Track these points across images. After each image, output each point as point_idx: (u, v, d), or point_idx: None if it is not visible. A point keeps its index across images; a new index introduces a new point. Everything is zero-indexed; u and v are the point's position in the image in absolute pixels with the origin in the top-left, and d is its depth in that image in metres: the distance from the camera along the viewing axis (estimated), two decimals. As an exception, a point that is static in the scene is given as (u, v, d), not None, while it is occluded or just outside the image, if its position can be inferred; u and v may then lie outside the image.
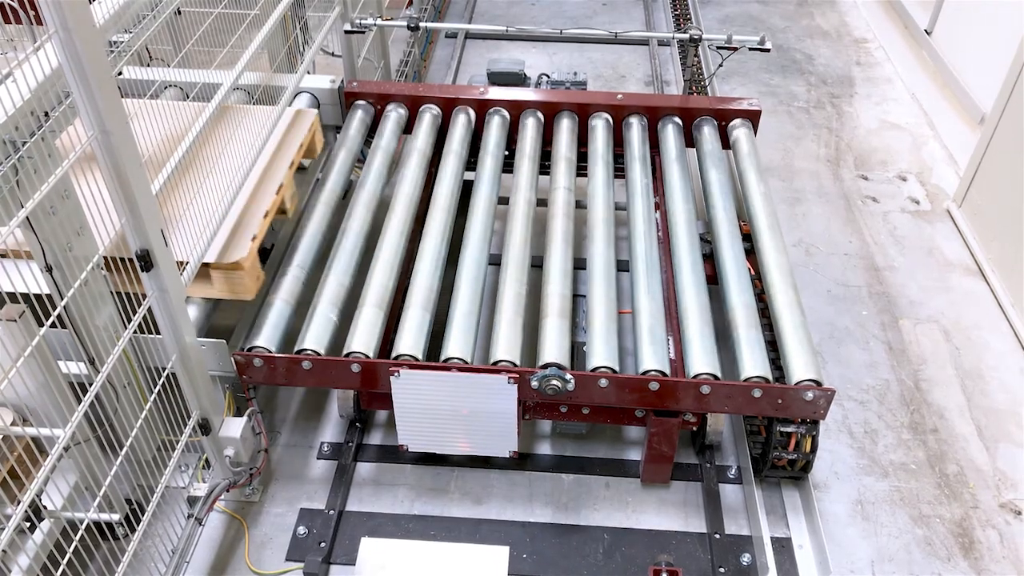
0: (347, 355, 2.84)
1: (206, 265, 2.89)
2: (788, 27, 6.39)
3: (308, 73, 3.97)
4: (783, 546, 2.93)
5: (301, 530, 2.96)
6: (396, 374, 2.77)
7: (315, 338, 2.87)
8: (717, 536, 2.94)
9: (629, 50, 6.09)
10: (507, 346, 2.85)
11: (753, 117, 3.99)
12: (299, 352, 2.84)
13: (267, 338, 2.86)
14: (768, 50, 4.03)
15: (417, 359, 2.82)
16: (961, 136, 4.78)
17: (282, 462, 3.21)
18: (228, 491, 2.83)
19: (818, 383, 2.75)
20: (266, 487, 3.12)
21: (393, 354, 2.84)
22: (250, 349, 2.83)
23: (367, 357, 2.83)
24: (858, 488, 3.15)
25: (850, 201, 4.61)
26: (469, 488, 3.13)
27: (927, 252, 4.27)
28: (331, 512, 2.99)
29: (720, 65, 4.26)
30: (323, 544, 2.88)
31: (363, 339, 2.87)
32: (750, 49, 4.02)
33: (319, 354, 2.84)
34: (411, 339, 2.86)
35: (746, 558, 2.89)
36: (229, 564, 2.88)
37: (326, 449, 3.25)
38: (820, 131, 5.20)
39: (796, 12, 6.63)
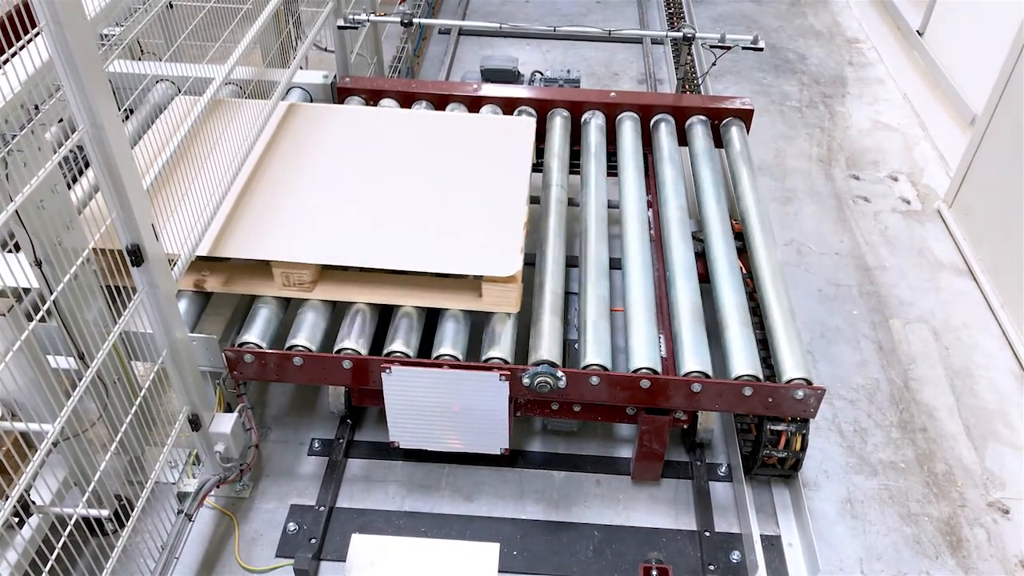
0: (339, 351, 2.83)
1: (478, 278, 2.89)
2: (781, 26, 6.41)
3: (301, 68, 3.96)
4: (772, 544, 2.94)
5: (291, 526, 2.95)
6: (388, 371, 2.76)
7: (306, 334, 2.87)
8: (707, 534, 2.95)
9: (623, 48, 6.09)
10: (499, 343, 2.85)
11: (746, 116, 3.99)
12: (290, 348, 2.83)
13: (258, 334, 2.85)
14: (761, 49, 4.03)
15: (409, 356, 2.82)
16: (952, 137, 4.81)
17: (272, 458, 3.21)
18: (218, 487, 2.83)
19: (808, 382, 2.76)
20: (256, 483, 3.11)
21: (385, 351, 2.84)
22: (241, 345, 2.83)
23: (359, 353, 2.82)
24: (847, 486, 3.17)
25: (842, 201, 4.63)
26: (460, 485, 3.13)
27: (918, 252, 4.29)
28: (321, 508, 2.98)
29: (713, 64, 4.26)
30: (313, 540, 2.88)
31: (355, 335, 2.87)
32: (743, 48, 4.02)
33: (310, 350, 2.83)
34: (403, 336, 2.86)
35: (736, 556, 2.90)
36: (219, 560, 2.87)
37: (317, 445, 3.24)
38: (812, 131, 5.21)
39: (789, 11, 6.64)
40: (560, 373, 2.74)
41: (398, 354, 2.81)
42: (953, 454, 3.30)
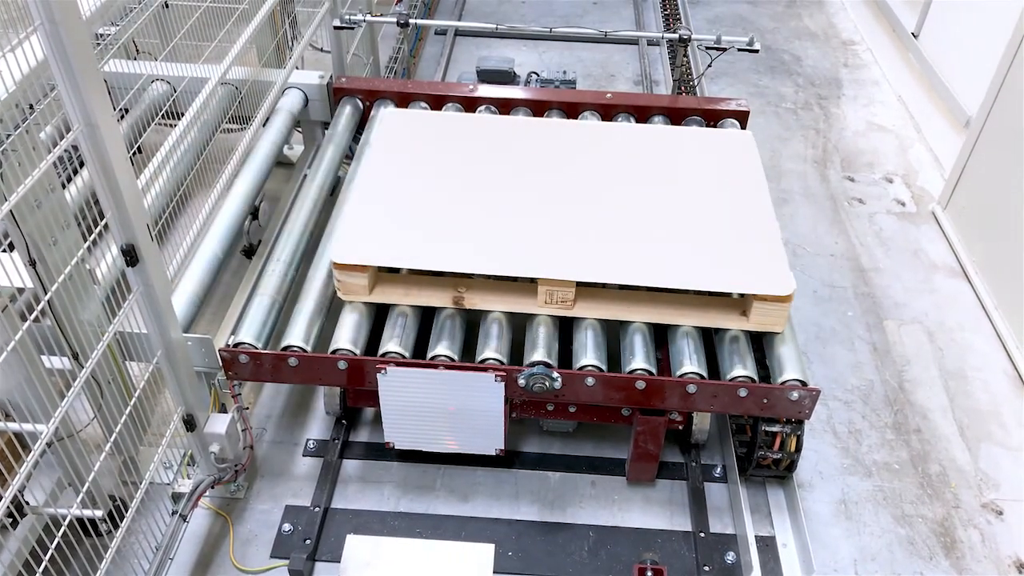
0: (334, 352, 2.83)
1: (742, 296, 2.85)
2: (777, 28, 6.42)
3: (296, 68, 3.96)
4: (767, 545, 2.95)
5: (286, 527, 2.95)
6: (383, 371, 2.76)
7: (301, 334, 2.86)
8: (702, 534, 2.95)
9: (619, 49, 6.10)
10: (495, 344, 2.85)
11: (741, 117, 4.00)
12: (285, 348, 2.83)
13: (253, 334, 2.85)
14: (757, 51, 4.04)
15: (404, 356, 2.82)
16: (947, 139, 4.82)
17: (267, 459, 3.20)
18: (213, 488, 2.82)
19: (803, 383, 2.77)
20: (251, 484, 3.10)
21: (380, 351, 2.84)
22: (236, 345, 2.82)
23: (354, 354, 2.82)
24: (842, 487, 3.17)
25: (837, 202, 4.64)
26: (455, 485, 3.13)
27: (912, 254, 4.30)
28: (316, 509, 2.98)
29: (709, 65, 4.27)
30: (308, 541, 2.87)
31: (350, 336, 2.86)
32: (739, 50, 4.03)
33: (305, 351, 2.83)
34: (398, 336, 2.86)
35: (730, 556, 2.90)
36: (214, 561, 2.86)
37: (312, 446, 3.24)
38: (807, 132, 5.22)
39: (785, 13, 6.65)
40: (556, 374, 2.74)
41: (393, 355, 2.81)
42: (947, 455, 3.31)
